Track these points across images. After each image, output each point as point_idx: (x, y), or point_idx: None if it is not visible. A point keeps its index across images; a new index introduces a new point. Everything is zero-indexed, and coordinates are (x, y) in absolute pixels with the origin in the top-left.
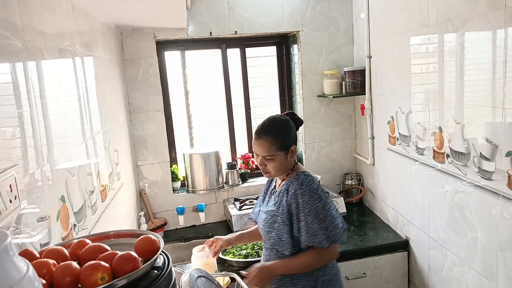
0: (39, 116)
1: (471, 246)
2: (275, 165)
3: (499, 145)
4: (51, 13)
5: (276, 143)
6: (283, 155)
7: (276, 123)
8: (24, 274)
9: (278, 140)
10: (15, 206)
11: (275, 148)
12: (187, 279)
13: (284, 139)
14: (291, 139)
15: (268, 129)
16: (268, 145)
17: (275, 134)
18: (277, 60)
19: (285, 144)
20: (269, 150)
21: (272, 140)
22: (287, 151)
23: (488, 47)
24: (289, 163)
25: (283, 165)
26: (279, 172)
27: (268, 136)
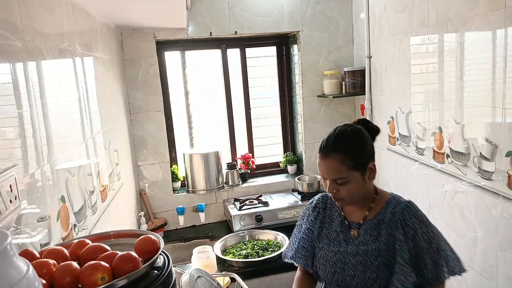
0: (39, 116)
1: (471, 246)
2: (351, 189)
3: (499, 145)
4: (51, 13)
5: (348, 161)
6: (358, 176)
7: (346, 135)
8: (24, 274)
9: (351, 157)
10: (15, 206)
11: (347, 167)
12: (187, 279)
13: (359, 155)
14: (368, 154)
15: (336, 144)
16: (337, 165)
17: (346, 149)
18: (277, 60)
19: (361, 161)
20: (340, 171)
21: (343, 158)
22: (363, 170)
23: (488, 47)
24: (368, 185)
25: (360, 189)
26: (355, 198)
27: (337, 153)
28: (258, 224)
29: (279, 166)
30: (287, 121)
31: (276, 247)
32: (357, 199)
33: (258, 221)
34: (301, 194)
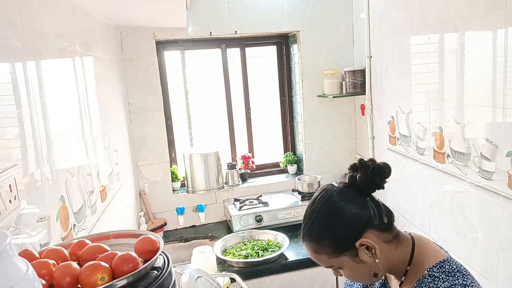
0: (39, 116)
1: (472, 246)
2: (349, 274)
3: (499, 145)
4: (51, 13)
5: (325, 248)
6: (349, 260)
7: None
8: (24, 274)
9: (323, 242)
10: (14, 206)
11: (326, 256)
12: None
13: (335, 236)
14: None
15: (305, 229)
16: (315, 256)
17: (316, 235)
18: (277, 60)
19: (340, 245)
20: (322, 260)
21: (315, 247)
22: (352, 251)
23: (488, 47)
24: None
25: (360, 272)
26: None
27: (309, 242)
28: (258, 224)
29: (279, 166)
30: (287, 121)
31: (276, 247)
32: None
33: (258, 221)
34: (301, 194)
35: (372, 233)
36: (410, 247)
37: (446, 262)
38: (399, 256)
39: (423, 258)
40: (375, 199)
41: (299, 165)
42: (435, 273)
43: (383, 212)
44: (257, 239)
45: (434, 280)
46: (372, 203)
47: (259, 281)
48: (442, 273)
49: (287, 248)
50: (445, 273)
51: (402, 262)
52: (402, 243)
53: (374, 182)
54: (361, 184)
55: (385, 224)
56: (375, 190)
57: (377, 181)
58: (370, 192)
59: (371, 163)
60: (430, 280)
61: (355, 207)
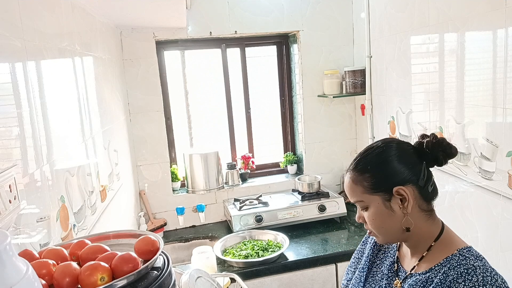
0: (39, 116)
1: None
2: (372, 217)
3: (499, 145)
4: (50, 13)
5: (364, 181)
6: (379, 201)
7: (368, 150)
8: (24, 275)
9: (366, 176)
10: (14, 207)
11: (362, 188)
12: (187, 280)
13: (378, 175)
14: (393, 174)
15: (355, 161)
16: (351, 185)
17: (362, 167)
18: (277, 60)
19: (380, 182)
20: (354, 192)
21: (357, 176)
22: (386, 195)
23: (488, 47)
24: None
25: (387, 220)
26: (388, 233)
27: (353, 171)
28: (258, 224)
29: (279, 166)
30: (287, 121)
31: (276, 247)
32: (394, 236)
33: (258, 221)
34: (301, 194)
35: (413, 190)
36: (439, 227)
37: (472, 248)
38: (427, 229)
39: (451, 240)
40: (430, 172)
41: (299, 165)
42: (466, 254)
43: (431, 182)
44: (257, 239)
45: (466, 259)
46: (426, 168)
47: (259, 281)
48: (471, 255)
49: (287, 248)
50: (474, 256)
51: (429, 236)
52: (434, 220)
53: (436, 154)
54: (426, 148)
55: (428, 193)
56: (434, 164)
57: (439, 154)
58: (429, 161)
59: (442, 138)
60: (462, 258)
61: (408, 162)
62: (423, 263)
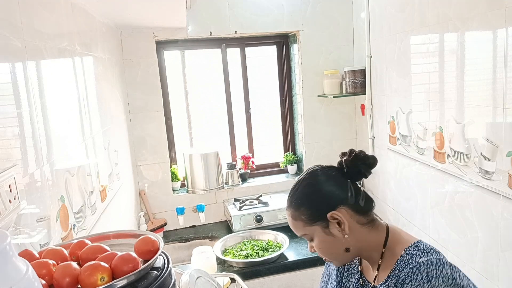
0: (39, 116)
1: (472, 246)
2: (318, 247)
3: (499, 145)
4: (50, 13)
5: (302, 215)
6: (319, 230)
7: (297, 185)
8: (24, 275)
9: (301, 210)
10: (14, 207)
11: (302, 223)
12: (187, 280)
13: (311, 206)
14: (324, 202)
15: (289, 197)
16: (292, 221)
17: (295, 202)
18: (277, 60)
19: (314, 213)
20: (296, 227)
21: (294, 212)
22: (324, 222)
23: (488, 47)
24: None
25: (331, 245)
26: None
27: (290, 208)
28: (258, 224)
29: (279, 166)
30: (287, 121)
31: (276, 247)
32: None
33: (258, 221)
34: None
35: (345, 210)
36: (384, 232)
37: (420, 242)
38: (373, 240)
39: (398, 242)
40: (357, 184)
41: (299, 165)
42: (411, 252)
43: (362, 196)
44: (257, 239)
45: (412, 257)
46: (352, 186)
47: (259, 281)
48: (418, 250)
49: (287, 248)
50: (420, 251)
51: (376, 245)
52: (377, 228)
53: (358, 168)
54: (345, 167)
55: (361, 207)
56: (359, 177)
57: (361, 167)
58: (354, 177)
59: (359, 151)
60: (408, 258)
61: (334, 184)
62: (381, 272)
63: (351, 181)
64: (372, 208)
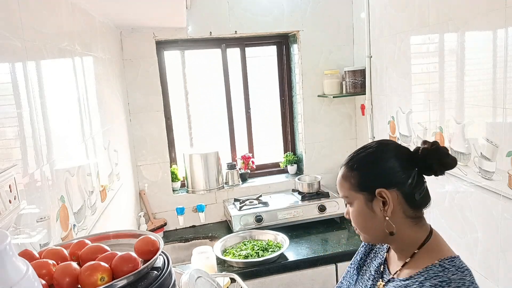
0: (39, 116)
1: (472, 246)
2: (354, 214)
3: (499, 145)
4: (50, 13)
5: (351, 178)
6: (362, 200)
7: (362, 149)
8: (24, 275)
9: (354, 173)
10: (14, 207)
11: (349, 185)
12: (187, 280)
13: (365, 174)
14: (379, 176)
15: (349, 157)
16: (341, 180)
17: (352, 164)
18: (277, 60)
19: (365, 181)
20: (342, 187)
21: (347, 173)
22: (369, 195)
23: (488, 47)
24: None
25: (366, 219)
26: (367, 232)
27: (345, 167)
28: (258, 224)
29: (279, 166)
30: (287, 121)
31: (276, 247)
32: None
33: (258, 221)
34: (301, 194)
35: (397, 194)
36: (426, 234)
37: (457, 259)
38: (411, 236)
39: (435, 249)
40: (423, 177)
41: (299, 165)
42: (446, 265)
43: (421, 190)
44: (257, 239)
45: (443, 270)
46: (416, 175)
47: (259, 281)
48: (452, 266)
49: (287, 248)
50: (455, 267)
51: (413, 242)
52: (420, 227)
53: (431, 162)
54: (420, 155)
55: (415, 200)
56: (428, 172)
57: (434, 163)
58: (423, 168)
59: (444, 147)
60: (440, 270)
61: (399, 165)
62: (406, 269)
63: (418, 171)
64: (425, 206)
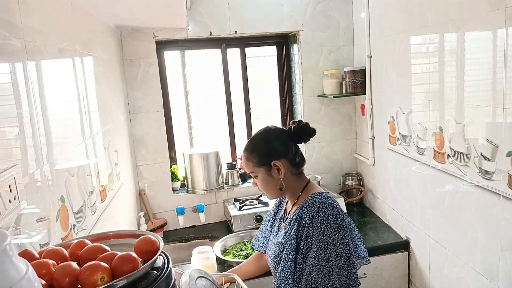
0: (39, 116)
1: (472, 246)
2: (260, 183)
3: (499, 145)
4: (51, 13)
5: (253, 158)
6: (264, 172)
7: (255, 136)
8: (24, 275)
9: (254, 154)
10: (14, 207)
11: (252, 163)
12: (187, 280)
13: (261, 153)
14: (271, 152)
15: (247, 144)
16: (245, 162)
17: (251, 148)
18: (277, 60)
19: (263, 158)
20: (248, 166)
21: (248, 155)
22: (268, 167)
23: (488, 47)
24: (276, 180)
25: (269, 183)
26: (271, 192)
27: (245, 152)
28: (258, 224)
29: None
30: (287, 121)
31: None
32: (272, 193)
33: (258, 221)
34: None
35: (285, 162)
36: (305, 183)
37: (324, 193)
38: (296, 185)
39: (310, 190)
40: (297, 146)
41: None
42: (315, 196)
43: (298, 155)
44: None
45: (313, 198)
46: (293, 146)
47: (259, 281)
48: (319, 196)
49: None
50: (321, 196)
51: (297, 189)
52: (302, 179)
53: (300, 135)
54: (292, 132)
55: (296, 162)
56: (300, 141)
57: (302, 134)
58: (297, 140)
59: (306, 123)
60: (310, 198)
61: (281, 142)
62: (294, 208)
63: (294, 143)
64: (303, 165)
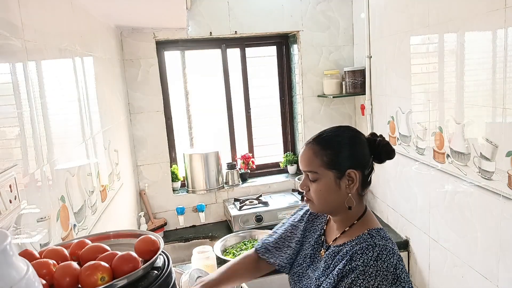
0: (39, 116)
1: (471, 246)
2: (320, 189)
3: (499, 145)
4: (51, 13)
5: (324, 156)
6: (331, 177)
7: (335, 131)
8: (24, 274)
9: (327, 152)
10: (15, 206)
11: (320, 162)
12: (187, 279)
13: (338, 154)
14: (351, 158)
15: (321, 136)
16: (311, 156)
17: (326, 144)
18: (277, 60)
19: (338, 161)
20: (312, 163)
21: (319, 150)
22: (339, 173)
23: (488, 47)
24: (342, 194)
25: (331, 194)
26: (323, 205)
27: (317, 145)
28: (258, 224)
29: (279, 166)
30: (287, 121)
31: None
32: (325, 207)
33: (258, 221)
34: (301, 194)
35: (360, 176)
36: (363, 209)
37: (382, 230)
38: (356, 210)
39: (368, 222)
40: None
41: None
42: (373, 233)
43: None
44: (257, 239)
45: (371, 237)
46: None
47: (259, 281)
48: (378, 235)
49: None
50: (380, 236)
51: (354, 215)
52: (362, 204)
53: (381, 153)
54: (377, 146)
55: (367, 182)
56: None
57: (383, 153)
58: (376, 156)
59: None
60: (369, 237)
61: (364, 151)
62: (343, 237)
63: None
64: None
